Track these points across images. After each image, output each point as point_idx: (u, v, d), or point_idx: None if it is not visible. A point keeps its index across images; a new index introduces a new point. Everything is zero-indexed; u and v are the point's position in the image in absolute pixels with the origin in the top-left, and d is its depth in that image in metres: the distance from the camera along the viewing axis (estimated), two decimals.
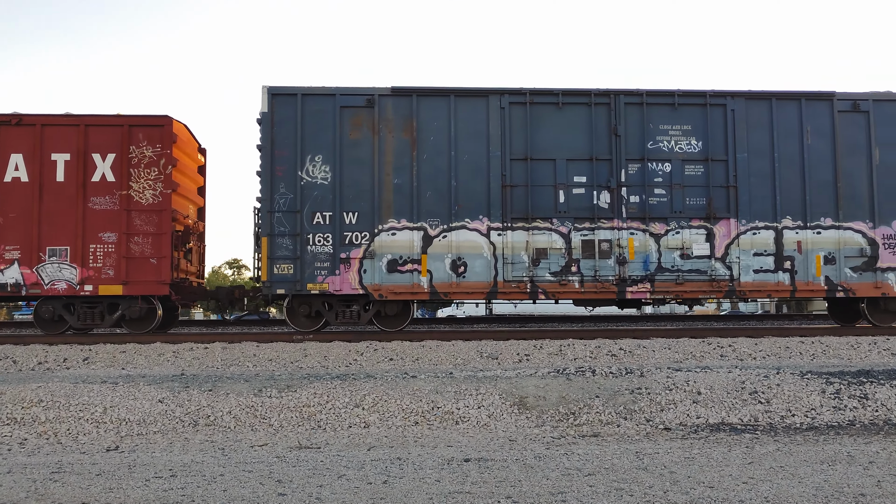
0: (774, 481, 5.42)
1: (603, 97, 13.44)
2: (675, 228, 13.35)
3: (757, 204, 13.51)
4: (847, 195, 13.62)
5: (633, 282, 13.23)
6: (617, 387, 8.63)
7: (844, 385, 8.63)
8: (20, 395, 8.32)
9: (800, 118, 13.68)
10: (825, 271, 13.48)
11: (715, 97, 13.59)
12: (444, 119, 13.30)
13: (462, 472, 5.79)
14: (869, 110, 13.74)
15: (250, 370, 10.34)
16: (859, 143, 13.74)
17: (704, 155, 13.47)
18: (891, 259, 13.58)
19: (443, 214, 13.17)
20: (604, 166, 13.37)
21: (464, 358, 11.11)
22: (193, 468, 5.99)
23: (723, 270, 13.36)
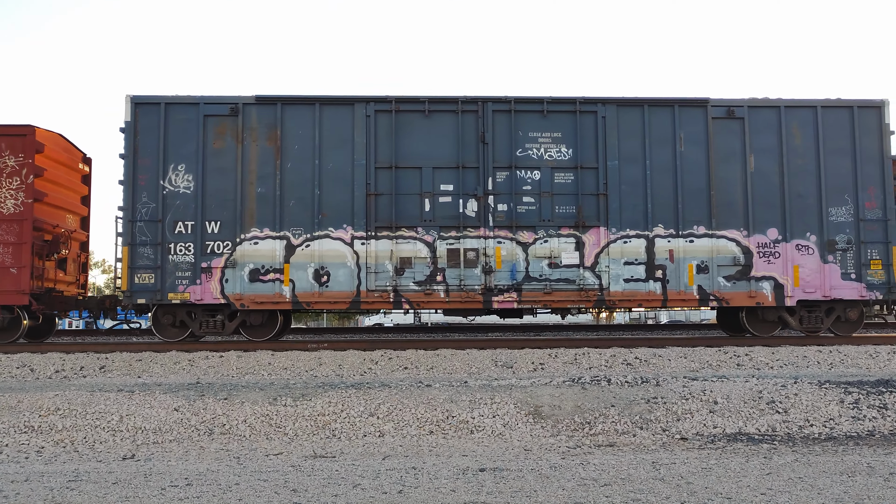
0: (793, 492, 5.36)
1: (471, 104, 13.27)
2: (543, 237, 13.15)
3: (628, 212, 13.31)
4: (721, 203, 13.43)
5: (500, 291, 13.04)
6: (633, 396, 8.58)
7: (863, 395, 8.54)
8: (38, 403, 8.38)
9: (673, 125, 13.48)
10: (698, 280, 13.25)
11: (585, 104, 13.39)
12: (309, 127, 13.20)
13: (477, 481, 5.76)
14: (744, 117, 13.53)
15: (265, 379, 10.36)
16: (734, 149, 13.54)
17: (575, 162, 13.28)
18: (765, 268, 13.33)
19: (306, 223, 13.06)
20: (471, 174, 13.21)
21: (478, 367, 11.09)
22: (209, 477, 6.00)
23: (592, 279, 13.16)
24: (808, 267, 13.39)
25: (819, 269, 13.39)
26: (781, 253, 13.38)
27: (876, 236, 13.47)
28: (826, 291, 13.35)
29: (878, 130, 13.65)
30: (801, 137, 13.59)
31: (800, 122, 13.62)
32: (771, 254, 13.37)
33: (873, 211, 13.52)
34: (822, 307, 13.55)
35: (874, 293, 13.37)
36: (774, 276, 13.34)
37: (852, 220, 13.48)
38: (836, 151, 13.58)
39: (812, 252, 13.40)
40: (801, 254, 13.39)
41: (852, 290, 13.39)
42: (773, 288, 13.32)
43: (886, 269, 13.38)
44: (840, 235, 13.43)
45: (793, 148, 13.56)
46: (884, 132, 13.65)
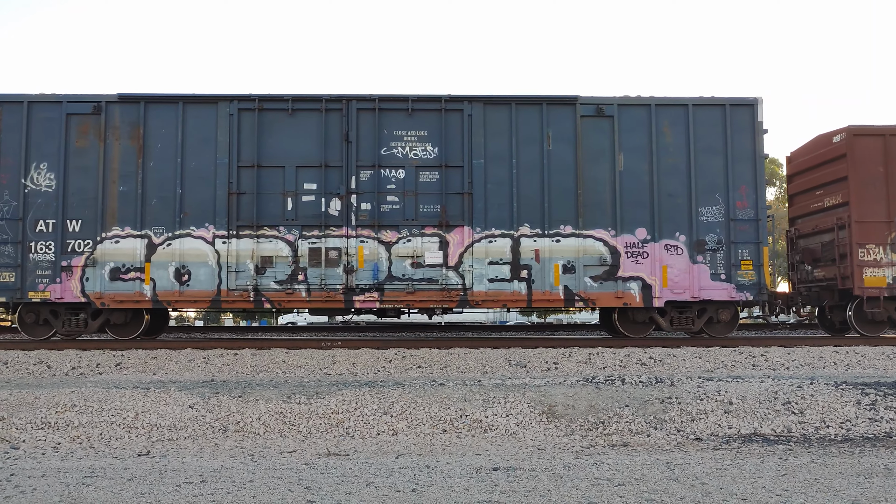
0: (809, 494, 5.32)
1: (335, 103, 13.19)
2: (406, 236, 13.05)
3: (493, 211, 13.16)
4: (589, 202, 13.24)
5: (362, 291, 12.95)
6: (647, 396, 8.54)
7: (880, 396, 8.47)
8: (54, 399, 8.45)
9: (541, 123, 13.30)
10: (564, 280, 13.07)
11: (451, 102, 13.25)
12: (172, 126, 13.14)
13: (491, 480, 5.76)
14: (614, 115, 13.33)
15: (279, 376, 10.39)
16: (603, 148, 13.35)
17: (440, 161, 13.16)
18: (633, 268, 13.14)
19: (168, 222, 13.01)
20: (335, 173, 13.14)
21: (492, 366, 11.08)
22: (223, 474, 6.02)
23: (455, 279, 13.02)
24: (677, 267, 13.17)
25: (688, 269, 13.18)
26: (650, 253, 13.19)
27: (747, 236, 13.26)
28: (695, 292, 13.14)
29: (751, 129, 13.44)
30: (672, 136, 13.39)
31: (671, 120, 13.41)
32: (639, 254, 13.18)
33: (745, 211, 13.29)
34: (694, 308, 13.34)
35: (744, 294, 13.15)
36: (642, 277, 13.15)
37: (723, 220, 13.27)
38: (708, 150, 13.38)
39: (681, 252, 13.20)
40: (670, 254, 13.19)
41: (722, 291, 13.16)
42: (641, 288, 13.13)
43: (757, 269, 13.15)
44: (710, 235, 13.22)
45: (663, 147, 13.36)
46: (757, 130, 13.43)
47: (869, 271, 13.39)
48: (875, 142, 13.66)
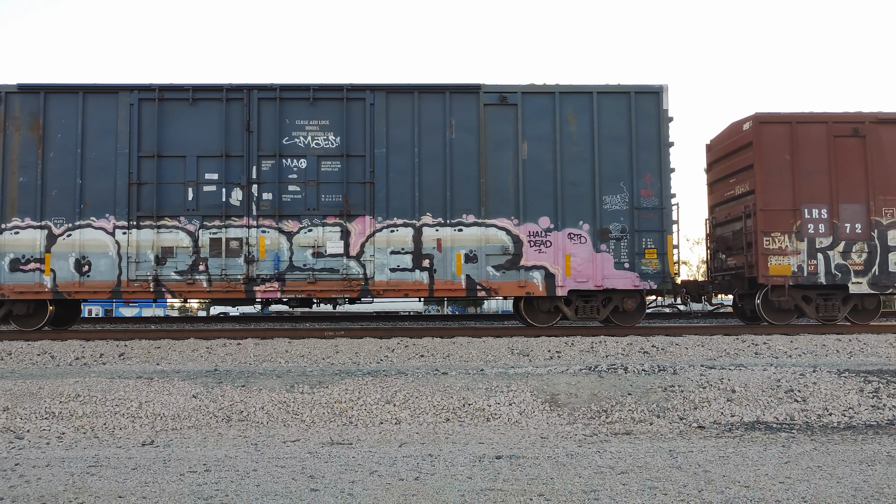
0: (812, 481, 5.33)
1: (236, 92, 13.10)
2: (308, 226, 13.00)
3: (396, 201, 13.08)
4: (492, 191, 13.15)
5: (263, 280, 12.91)
6: (650, 384, 8.55)
7: (883, 384, 8.47)
8: (58, 389, 8.47)
9: (444, 112, 13.20)
10: (466, 270, 12.99)
11: (353, 91, 13.16)
12: (73, 116, 13.04)
13: (494, 469, 5.77)
14: (518, 103, 13.19)
15: (282, 366, 10.41)
16: (507, 137, 13.22)
17: (342, 150, 13.08)
18: (536, 257, 13.04)
19: (69, 213, 12.93)
20: (236, 163, 13.05)
21: (495, 355, 11.09)
22: (227, 463, 6.04)
23: (357, 269, 12.97)
24: (581, 256, 13.09)
25: (591, 258, 13.08)
26: (553, 242, 13.10)
27: (651, 225, 13.15)
28: (598, 281, 13.05)
29: (656, 116, 13.29)
30: (577, 124, 13.26)
31: (576, 108, 13.27)
32: (542, 243, 13.09)
33: (649, 199, 13.18)
34: (600, 297, 13.26)
35: (648, 283, 13.06)
36: (545, 266, 13.07)
37: (627, 209, 13.16)
38: (613, 138, 13.25)
39: (584, 241, 13.11)
40: (574, 243, 13.10)
41: (626, 280, 13.07)
42: (544, 277, 13.05)
43: (661, 258, 13.07)
44: (614, 224, 13.10)
45: (568, 135, 13.24)
46: (662, 118, 13.29)
47: (774, 259, 13.28)
48: (782, 129, 13.49)
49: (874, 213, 13.35)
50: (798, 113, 13.65)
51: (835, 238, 13.31)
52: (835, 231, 13.32)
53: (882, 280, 13.26)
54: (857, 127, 13.50)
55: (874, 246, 13.30)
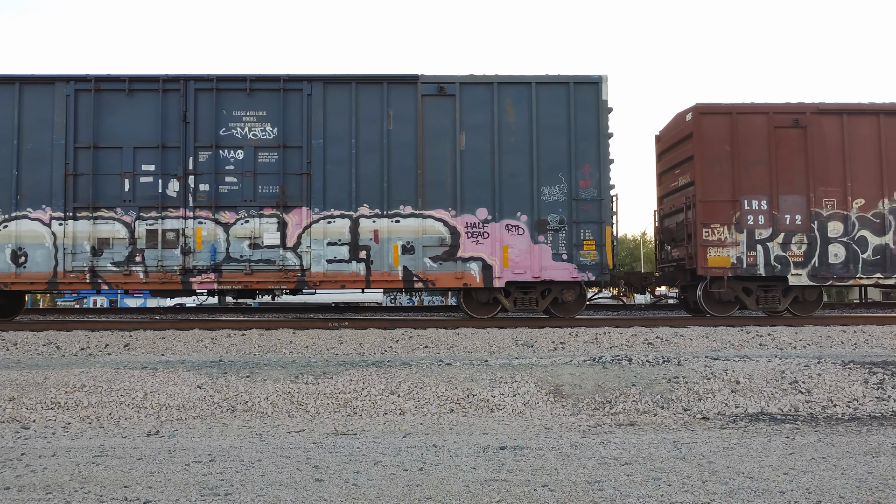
0: (816, 472, 5.33)
1: (173, 83, 12.96)
2: (244, 217, 12.89)
3: (333, 192, 12.95)
4: (430, 182, 12.98)
5: (199, 272, 12.82)
6: (654, 375, 8.55)
7: (888, 375, 8.46)
8: (64, 379, 8.50)
9: (382, 103, 13.06)
10: (403, 261, 12.88)
11: (291, 82, 13.03)
12: (9, 107, 12.93)
13: (498, 459, 5.78)
14: (456, 94, 13.02)
15: (287, 357, 10.43)
16: (445, 128, 13.06)
17: (279, 142, 12.95)
18: (474, 248, 12.90)
19: (5, 204, 12.85)
20: (173, 154, 12.93)
21: (499, 345, 11.09)
22: (232, 453, 6.06)
23: (294, 260, 12.88)
24: (518, 247, 12.94)
25: (529, 249, 12.94)
26: (490, 233, 12.95)
27: (590, 216, 13.00)
28: (536, 272, 12.92)
29: (595, 107, 13.12)
30: (516, 115, 13.09)
31: (514, 98, 13.11)
32: (479, 234, 12.96)
33: (588, 190, 13.01)
34: (538, 288, 13.14)
35: (586, 274, 12.91)
36: (483, 257, 12.93)
37: (566, 200, 13.00)
38: (552, 129, 13.08)
39: (522, 232, 12.96)
40: (511, 234, 12.96)
41: (564, 272, 12.93)
42: (482, 269, 12.92)
43: (600, 249, 12.92)
44: (552, 215, 12.96)
45: (506, 125, 13.08)
46: (601, 109, 13.11)
47: (713, 251, 13.14)
48: (722, 120, 13.33)
49: (814, 205, 13.20)
50: (739, 104, 13.47)
51: (774, 229, 13.16)
52: (774, 222, 13.17)
53: (821, 272, 13.12)
54: (798, 118, 13.35)
55: (814, 237, 13.17)
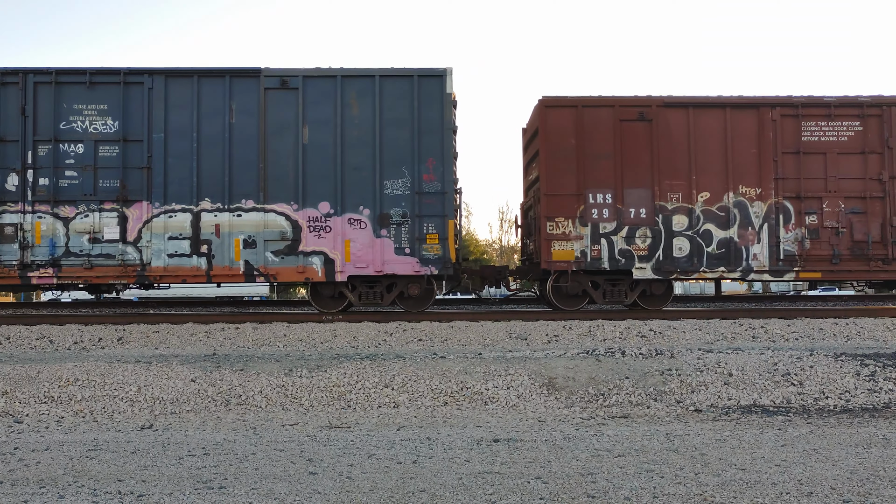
0: (808, 464, 5.36)
1: (11, 76, 12.84)
2: (84, 212, 12.78)
3: (174, 186, 12.88)
4: (272, 176, 12.98)
5: (38, 266, 12.72)
6: (647, 368, 8.58)
7: (880, 367, 8.50)
8: (57, 374, 8.49)
9: (225, 96, 13.01)
10: (245, 255, 12.85)
11: (132, 75, 12.93)
12: None
13: (491, 452, 5.80)
14: (299, 87, 12.99)
15: (281, 350, 10.43)
16: (288, 121, 13.03)
17: (120, 135, 12.86)
18: (316, 242, 12.90)
19: None
20: (12, 148, 12.80)
21: (493, 339, 11.11)
22: (226, 447, 6.07)
23: (134, 255, 12.80)
24: (360, 241, 12.93)
25: (371, 243, 12.92)
26: (333, 227, 12.94)
27: (433, 210, 12.94)
28: (379, 266, 12.91)
29: (440, 100, 13.05)
30: (360, 108, 13.06)
31: (358, 91, 13.06)
32: (322, 228, 12.95)
33: (432, 184, 12.97)
34: (383, 282, 13.11)
35: (429, 268, 12.89)
36: (325, 251, 12.93)
37: (409, 194, 12.97)
38: (396, 122, 13.06)
39: (365, 226, 12.95)
40: (354, 228, 12.95)
41: (406, 265, 12.92)
42: (324, 263, 12.92)
43: (443, 243, 12.88)
44: (395, 209, 12.92)
45: (349, 119, 13.05)
46: (445, 102, 13.04)
47: (558, 245, 13.08)
48: (568, 113, 13.22)
49: (659, 198, 13.17)
50: (585, 96, 13.37)
51: (619, 223, 13.12)
52: (619, 216, 13.12)
53: (666, 265, 13.09)
54: (644, 111, 13.27)
55: (658, 231, 13.13)
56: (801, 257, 13.24)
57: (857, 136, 13.41)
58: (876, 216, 13.30)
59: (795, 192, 13.28)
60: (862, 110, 13.39)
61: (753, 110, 13.38)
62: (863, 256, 13.26)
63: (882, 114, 13.40)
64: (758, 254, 13.23)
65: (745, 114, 13.38)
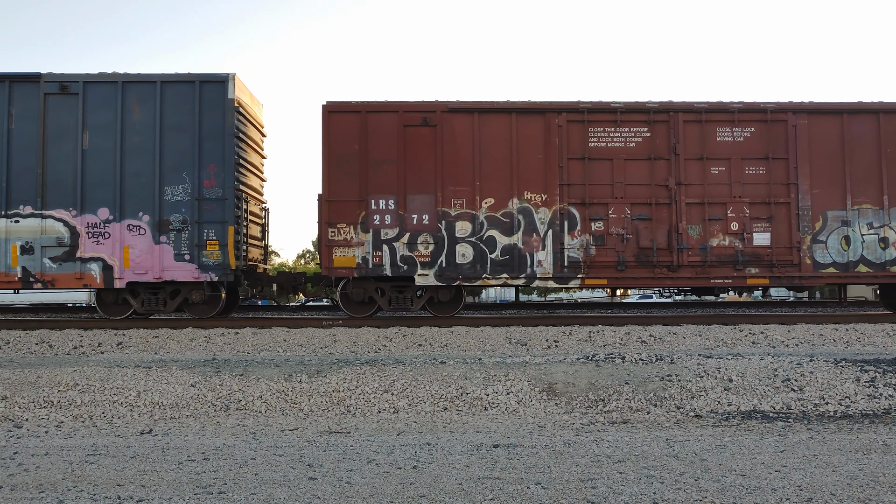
0: (808, 470, 5.36)
1: None
2: None
3: None
4: (51, 182, 12.91)
5: None
6: (647, 373, 8.58)
7: (880, 373, 8.50)
8: (56, 378, 8.48)
9: (5, 102, 12.97)
10: (22, 262, 12.82)
11: None
12: None
13: (491, 457, 5.79)
14: (80, 92, 12.93)
15: (281, 355, 10.43)
16: (69, 126, 12.97)
17: None
18: (94, 248, 12.86)
19: None
20: None
21: (493, 344, 11.11)
22: (225, 452, 6.06)
23: None
24: (139, 248, 12.88)
25: (151, 249, 12.89)
26: (112, 233, 12.90)
27: (214, 216, 12.96)
28: (158, 273, 12.89)
29: (222, 106, 13.07)
30: (141, 113, 13.02)
31: (140, 97, 13.03)
32: (101, 234, 12.90)
33: (213, 190, 12.97)
34: (167, 289, 13.10)
35: (209, 274, 12.87)
36: (103, 258, 12.87)
37: (189, 200, 12.95)
38: (178, 128, 13.04)
39: (144, 232, 12.90)
40: (133, 234, 12.91)
41: (186, 272, 12.90)
42: (103, 269, 12.86)
43: (223, 249, 12.86)
44: (175, 215, 12.92)
45: (131, 125, 13.00)
46: (228, 108, 13.05)
47: (339, 251, 13.03)
48: (352, 118, 13.15)
49: (443, 204, 13.12)
50: (370, 102, 13.29)
51: (401, 229, 13.07)
52: (402, 222, 13.07)
53: (448, 272, 13.03)
54: (428, 116, 13.20)
55: (441, 237, 13.08)
56: (585, 264, 13.17)
57: (644, 142, 13.36)
58: (662, 223, 13.24)
59: (581, 199, 13.21)
60: (649, 116, 13.33)
61: (540, 116, 13.29)
62: (648, 263, 13.20)
63: (669, 120, 13.34)
64: (542, 260, 13.16)
65: (531, 119, 13.28)
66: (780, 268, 13.24)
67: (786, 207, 13.30)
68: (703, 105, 13.37)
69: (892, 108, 13.45)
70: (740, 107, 13.39)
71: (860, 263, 13.30)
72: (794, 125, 13.39)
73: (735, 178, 13.29)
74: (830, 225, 13.33)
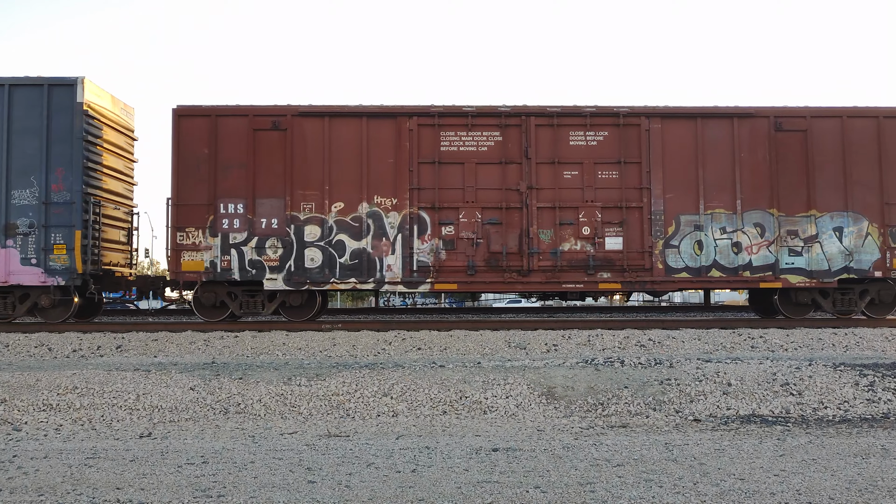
0: (806, 474, 5.36)
1: None
2: None
3: None
4: None
5: None
6: (646, 377, 8.58)
7: (878, 377, 8.51)
8: (56, 381, 8.48)
9: None
10: None
11: None
12: None
13: (490, 461, 5.80)
14: None
15: (280, 359, 10.43)
16: None
17: None
18: None
19: None
20: None
21: (492, 348, 11.11)
22: (224, 455, 6.06)
23: None
24: None
25: None
26: None
27: (62, 220, 12.92)
28: (4, 277, 12.87)
29: (70, 109, 13.06)
30: None
31: None
32: None
33: (60, 194, 12.95)
34: (16, 293, 13.04)
35: (56, 279, 12.83)
36: None
37: (37, 203, 12.92)
38: (26, 131, 13.02)
39: None
40: None
41: (33, 276, 12.87)
42: None
43: (70, 253, 12.83)
44: (22, 219, 12.88)
45: None
46: (76, 112, 13.04)
47: (188, 255, 12.95)
48: (202, 122, 13.09)
49: (292, 208, 13.06)
50: (220, 105, 13.26)
51: (250, 233, 12.99)
52: (251, 226, 13.00)
53: (297, 276, 12.95)
54: (278, 120, 13.13)
55: (290, 241, 13.02)
56: (435, 268, 13.09)
57: (497, 146, 13.29)
58: (514, 227, 13.17)
59: (432, 203, 13.14)
60: (501, 120, 13.27)
61: (391, 119, 13.24)
62: (498, 268, 13.12)
63: (522, 123, 13.27)
64: (392, 264, 13.10)
65: (382, 123, 13.24)
66: (632, 272, 13.16)
67: (638, 212, 13.23)
68: (556, 109, 13.30)
69: (746, 113, 13.37)
70: (593, 111, 13.32)
71: (713, 268, 13.22)
72: (647, 129, 13.32)
73: (588, 183, 13.21)
74: (683, 229, 13.24)
